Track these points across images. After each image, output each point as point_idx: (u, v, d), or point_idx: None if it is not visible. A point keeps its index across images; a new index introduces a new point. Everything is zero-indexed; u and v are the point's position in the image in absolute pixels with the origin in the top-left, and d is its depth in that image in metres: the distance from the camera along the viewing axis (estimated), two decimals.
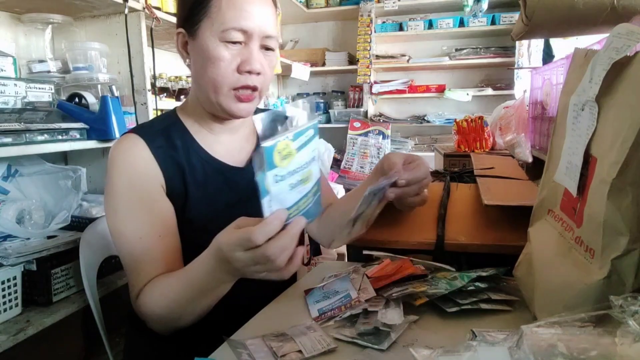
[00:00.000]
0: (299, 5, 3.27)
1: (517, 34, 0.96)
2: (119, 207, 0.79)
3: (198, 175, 0.84)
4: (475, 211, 0.96)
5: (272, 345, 0.61)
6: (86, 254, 1.06)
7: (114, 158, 0.80)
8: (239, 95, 0.81)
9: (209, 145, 0.87)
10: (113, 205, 0.79)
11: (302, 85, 3.77)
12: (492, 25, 3.08)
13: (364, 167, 3.38)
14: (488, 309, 0.68)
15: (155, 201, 0.80)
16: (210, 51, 0.78)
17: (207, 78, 0.80)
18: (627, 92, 0.51)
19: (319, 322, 0.67)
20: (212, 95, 0.81)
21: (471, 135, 1.98)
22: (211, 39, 0.78)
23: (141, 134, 0.82)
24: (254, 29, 0.78)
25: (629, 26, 0.51)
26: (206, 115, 0.87)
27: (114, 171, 0.79)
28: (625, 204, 0.49)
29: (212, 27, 0.77)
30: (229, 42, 0.78)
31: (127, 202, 0.78)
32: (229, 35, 0.77)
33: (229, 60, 0.78)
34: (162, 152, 0.82)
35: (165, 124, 0.87)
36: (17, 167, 1.37)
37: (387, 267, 0.81)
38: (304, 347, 0.60)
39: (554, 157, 0.69)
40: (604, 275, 0.50)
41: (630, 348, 0.37)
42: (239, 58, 0.79)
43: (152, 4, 1.56)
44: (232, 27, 0.77)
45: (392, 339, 0.60)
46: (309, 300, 0.75)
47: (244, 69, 0.79)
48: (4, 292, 1.02)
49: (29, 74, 1.46)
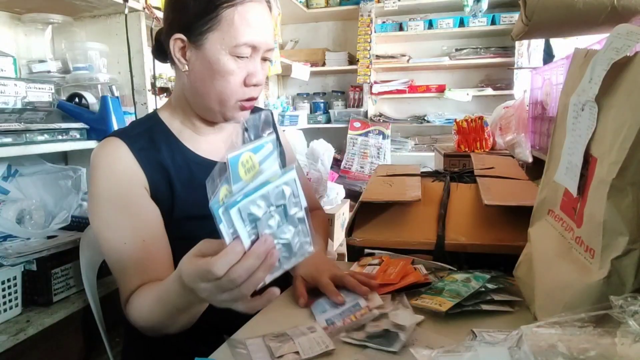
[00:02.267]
0: (299, 5, 3.27)
1: (517, 34, 0.97)
2: (102, 213, 0.78)
3: (183, 175, 0.84)
4: (475, 211, 0.96)
5: (271, 345, 0.60)
6: (86, 254, 1.06)
7: (96, 163, 0.79)
8: (244, 105, 0.83)
9: (194, 144, 0.87)
10: (96, 212, 0.79)
11: (302, 85, 3.77)
12: (492, 25, 3.07)
13: (364, 167, 3.38)
14: (489, 309, 0.68)
15: (138, 205, 0.79)
16: (221, 65, 0.78)
17: (214, 89, 0.80)
18: (626, 92, 0.51)
19: (327, 332, 0.65)
20: (215, 105, 0.82)
21: (471, 135, 1.98)
22: (221, 52, 0.78)
23: (122, 137, 0.81)
24: (261, 44, 0.80)
25: (629, 26, 0.51)
26: (193, 117, 0.87)
27: (95, 176, 0.79)
28: (625, 204, 0.49)
29: (222, 40, 0.77)
30: (238, 57, 0.79)
31: (110, 208, 0.78)
32: (240, 50, 0.78)
33: (237, 74, 0.80)
34: (145, 154, 0.81)
35: (146, 126, 0.86)
36: (17, 167, 1.37)
37: (388, 268, 0.81)
38: (301, 347, 0.59)
39: (554, 157, 0.69)
40: (603, 275, 0.50)
41: (630, 348, 0.37)
42: (245, 71, 0.80)
43: (152, 4, 1.55)
44: (244, 43, 0.78)
45: (402, 340, 0.60)
46: (315, 310, 0.72)
47: (251, 83, 0.81)
48: (4, 292, 1.02)
49: (29, 74, 1.45)
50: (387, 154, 3.36)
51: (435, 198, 1.02)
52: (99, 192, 0.78)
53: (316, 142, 2.52)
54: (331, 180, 2.68)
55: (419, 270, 0.81)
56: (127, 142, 0.80)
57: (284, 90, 3.88)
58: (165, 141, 0.85)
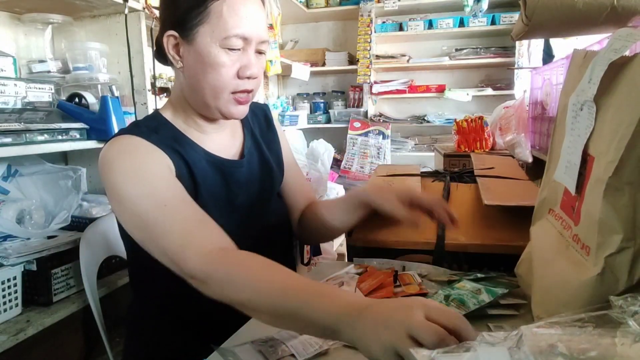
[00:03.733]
0: (299, 5, 3.27)
1: (517, 34, 0.97)
2: (134, 190, 0.72)
3: (198, 170, 0.82)
4: (475, 211, 0.96)
5: (262, 350, 0.60)
6: (86, 254, 1.07)
7: (111, 160, 0.75)
8: (238, 98, 0.82)
9: (201, 142, 0.87)
10: (125, 206, 0.72)
11: (302, 85, 3.77)
12: (492, 25, 3.07)
13: (364, 167, 3.38)
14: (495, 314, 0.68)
15: (168, 181, 0.75)
16: (212, 57, 0.78)
17: (207, 83, 0.80)
18: (624, 92, 0.51)
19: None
20: (210, 99, 0.81)
21: (471, 135, 1.98)
22: (212, 45, 0.77)
23: (133, 133, 0.79)
24: (252, 35, 0.79)
25: (630, 30, 0.52)
26: (195, 116, 0.86)
27: (114, 172, 0.73)
28: (621, 203, 0.49)
29: (212, 33, 0.77)
30: (229, 49, 0.78)
31: (138, 191, 0.72)
32: (230, 42, 0.78)
33: (230, 66, 0.79)
34: (163, 143, 0.79)
35: (153, 124, 0.84)
36: (17, 167, 1.37)
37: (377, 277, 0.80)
38: (295, 350, 0.59)
39: (554, 156, 0.69)
40: (597, 272, 0.51)
41: (630, 348, 0.37)
42: (239, 64, 0.80)
43: (152, 4, 1.55)
44: (234, 35, 0.77)
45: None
46: None
47: (244, 75, 0.80)
48: (4, 292, 1.02)
49: (29, 74, 1.46)
50: (387, 154, 3.36)
51: None
52: (123, 186, 0.72)
53: (316, 142, 2.52)
54: (331, 180, 2.69)
55: (412, 277, 0.80)
56: (140, 136, 0.78)
57: (284, 90, 3.88)
58: (175, 138, 0.84)
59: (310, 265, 2.04)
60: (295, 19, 3.63)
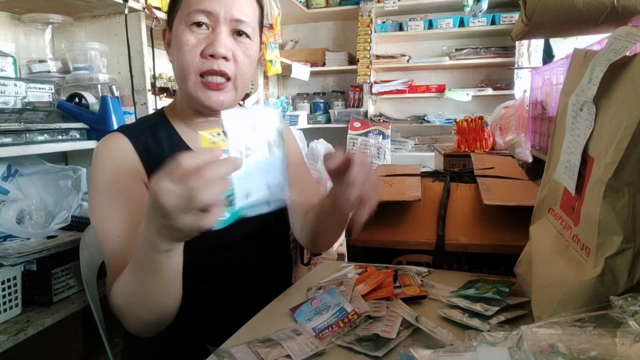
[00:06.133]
0: (299, 5, 3.27)
1: (517, 34, 0.96)
2: (100, 203, 0.78)
3: None
4: (475, 211, 0.96)
5: (259, 351, 0.59)
6: (86, 254, 1.06)
7: (97, 155, 0.80)
8: (206, 82, 0.78)
9: (195, 143, 0.87)
10: (94, 202, 0.79)
11: (302, 85, 3.77)
12: (492, 25, 3.07)
13: None
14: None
15: (135, 199, 0.77)
16: (178, 37, 0.79)
17: (176, 67, 0.81)
18: (624, 93, 0.51)
19: (320, 339, 0.63)
20: (182, 83, 0.81)
21: (471, 135, 1.98)
22: (180, 26, 0.79)
23: (126, 133, 0.82)
24: (218, 11, 0.77)
25: (630, 29, 0.52)
26: (191, 113, 0.86)
27: (96, 167, 0.79)
28: (620, 204, 0.49)
29: (181, 15, 0.79)
30: (194, 26, 0.77)
31: (108, 199, 0.77)
32: (193, 17, 0.77)
33: (194, 44, 0.77)
34: (147, 149, 0.82)
35: (151, 123, 0.87)
36: (17, 167, 1.37)
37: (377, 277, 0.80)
38: (292, 351, 0.59)
39: (554, 156, 0.69)
40: (597, 273, 0.51)
41: (630, 348, 0.37)
42: (204, 42, 0.78)
43: (152, 4, 1.56)
44: (195, 10, 0.77)
45: (390, 347, 0.59)
46: (299, 318, 0.68)
47: (208, 52, 0.77)
48: (4, 292, 1.02)
49: (29, 74, 1.46)
50: (387, 154, 3.36)
51: (435, 198, 1.02)
52: (98, 183, 0.78)
53: (316, 142, 2.52)
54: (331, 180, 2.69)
55: (412, 278, 0.79)
56: (130, 138, 0.81)
57: (284, 90, 3.88)
58: (168, 138, 0.85)
59: (310, 265, 2.05)
60: (295, 19, 3.63)
